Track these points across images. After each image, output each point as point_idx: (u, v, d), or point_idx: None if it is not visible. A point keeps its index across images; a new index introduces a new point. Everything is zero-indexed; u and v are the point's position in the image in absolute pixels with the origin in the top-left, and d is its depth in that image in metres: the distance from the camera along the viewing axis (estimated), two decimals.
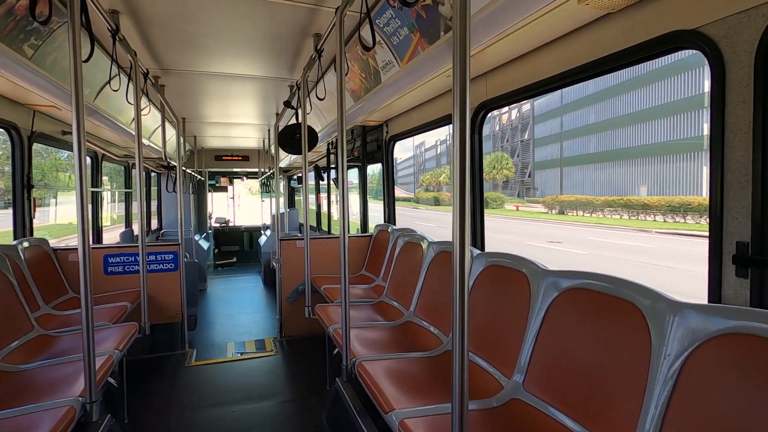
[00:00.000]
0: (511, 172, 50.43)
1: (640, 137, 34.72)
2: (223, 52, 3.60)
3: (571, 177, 42.97)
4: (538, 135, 49.67)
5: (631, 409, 1.52)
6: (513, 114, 53.63)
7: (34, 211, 3.75)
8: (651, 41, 1.76)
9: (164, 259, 4.29)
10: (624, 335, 1.63)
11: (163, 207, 8.99)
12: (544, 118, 48.32)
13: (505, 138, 56.30)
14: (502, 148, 55.47)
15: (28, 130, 3.62)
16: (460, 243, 1.22)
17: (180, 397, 3.42)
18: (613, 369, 1.64)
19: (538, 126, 49.74)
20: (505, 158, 51.28)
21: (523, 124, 52.45)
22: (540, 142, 49.15)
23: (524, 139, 52.09)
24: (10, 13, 2.19)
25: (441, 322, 2.91)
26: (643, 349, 1.54)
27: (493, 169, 50.69)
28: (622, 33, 1.90)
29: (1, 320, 2.68)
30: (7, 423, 1.86)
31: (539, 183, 48.81)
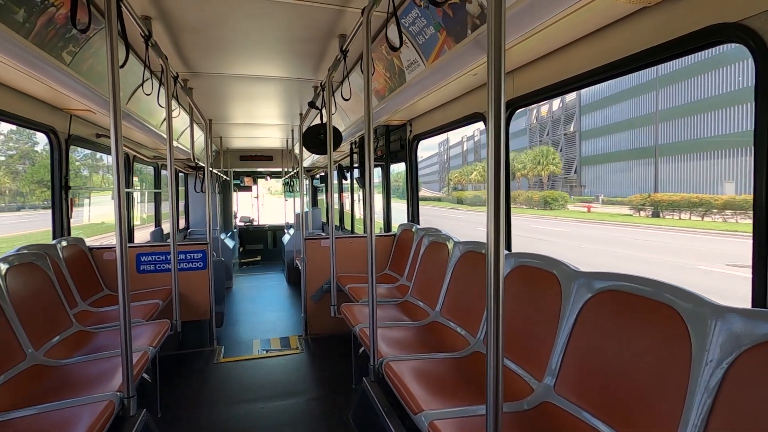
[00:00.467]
0: (558, 168, 46.02)
1: (723, 126, 30.26)
2: (250, 55, 3.65)
3: (637, 172, 38.03)
4: (585, 127, 45.21)
5: (669, 416, 1.48)
6: (555, 105, 49.95)
7: (71, 211, 3.89)
8: (690, 35, 1.70)
9: (193, 257, 4.40)
10: (662, 339, 1.59)
11: (190, 206, 9.20)
12: (592, 109, 43.85)
13: (545, 131, 52.23)
14: (541, 143, 51.66)
15: (65, 134, 3.77)
16: (495, 244, 1.20)
17: (210, 393, 3.50)
18: (651, 374, 1.60)
19: (585, 117, 45.23)
20: (552, 152, 46.40)
21: (567, 115, 48.53)
22: (588, 135, 44.48)
23: (568, 132, 48.22)
24: (51, 22, 2.28)
25: (468, 323, 2.88)
26: (682, 355, 1.49)
27: (537, 165, 46.37)
28: (659, 27, 1.84)
29: (43, 316, 2.80)
30: (51, 416, 1.94)
31: (588, 180, 44.35)
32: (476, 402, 2.03)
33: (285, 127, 7.04)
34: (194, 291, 4.41)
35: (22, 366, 2.38)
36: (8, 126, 33.73)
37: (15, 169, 38.43)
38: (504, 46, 1.18)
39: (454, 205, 52.60)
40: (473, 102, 3.45)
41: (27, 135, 38.27)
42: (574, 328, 1.98)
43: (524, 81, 2.76)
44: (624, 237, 20.82)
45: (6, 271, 2.58)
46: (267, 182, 13.43)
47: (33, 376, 2.37)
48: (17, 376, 2.30)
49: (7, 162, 38.76)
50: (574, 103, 46.71)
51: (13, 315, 2.47)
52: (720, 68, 30.65)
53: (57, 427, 1.82)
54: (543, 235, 21.11)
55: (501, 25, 1.17)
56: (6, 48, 2.09)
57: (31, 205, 37.43)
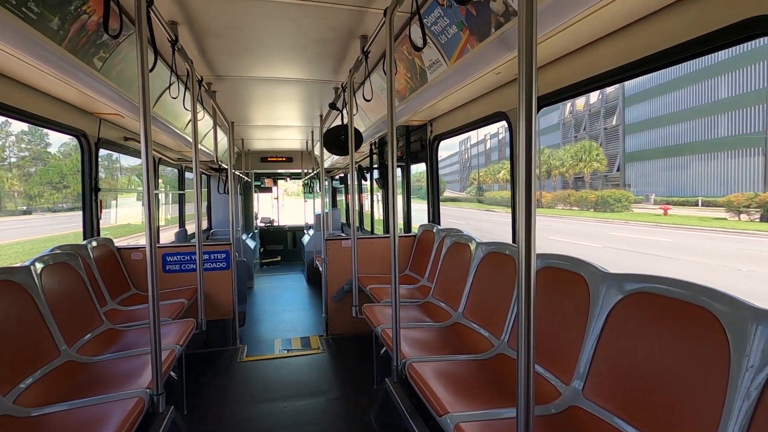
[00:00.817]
0: (603, 164, 41.10)
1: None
2: (272, 57, 3.69)
3: (711, 167, 32.30)
4: (630, 120, 40.09)
5: (706, 422, 1.43)
6: (593, 98, 45.38)
7: (100, 212, 4.01)
8: (725, 29, 1.64)
9: (217, 258, 4.47)
10: (698, 344, 1.53)
11: (213, 208, 9.37)
12: (639, 99, 38.87)
13: (581, 126, 47.43)
14: (577, 139, 47.22)
15: (95, 137, 3.88)
16: (526, 246, 1.18)
17: (234, 392, 3.55)
18: (686, 379, 1.55)
19: (630, 109, 40.12)
20: (595, 148, 41.53)
21: (608, 108, 43.43)
22: (634, 129, 39.37)
23: (608, 126, 43.16)
24: (83, 29, 2.35)
25: (491, 324, 2.85)
26: (720, 360, 1.44)
27: (579, 162, 41.73)
28: (693, 21, 1.78)
29: (75, 314, 2.88)
30: (85, 411, 1.99)
31: (633, 178, 39.20)
32: (502, 405, 2.00)
33: (305, 128, 7.10)
34: (218, 291, 4.49)
35: (56, 362, 2.46)
36: (20, 126, 34.14)
37: (27, 172, 39.42)
38: (536, 42, 1.16)
39: (480, 206, 49.77)
40: (495, 101, 3.41)
41: (39, 136, 39.05)
42: (603, 331, 1.93)
43: (550, 78, 2.71)
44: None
45: (41, 271, 2.67)
46: (286, 183, 13.56)
47: (66, 372, 2.45)
48: (52, 372, 2.38)
49: (19, 164, 39.67)
50: (617, 95, 42.09)
51: (48, 313, 2.56)
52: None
53: (90, 422, 1.87)
54: (650, 249, 17.59)
55: (533, 21, 1.15)
56: (41, 55, 2.16)
57: (41, 207, 38.16)
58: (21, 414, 1.98)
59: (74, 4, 2.15)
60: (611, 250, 17.80)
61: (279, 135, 7.84)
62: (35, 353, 2.38)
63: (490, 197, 53.58)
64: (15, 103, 2.81)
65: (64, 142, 42.15)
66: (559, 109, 50.45)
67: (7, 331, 2.20)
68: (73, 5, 2.15)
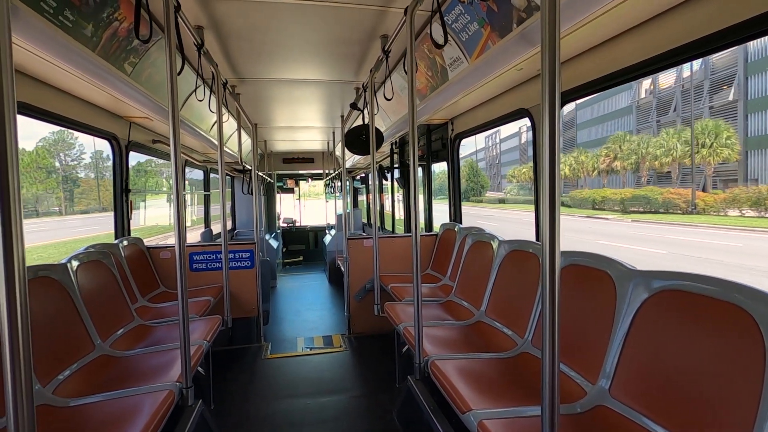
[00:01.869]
0: (735, 151, 29.81)
1: None
2: (294, 59, 3.75)
3: None
4: (755, 93, 29.18)
5: (740, 424, 1.38)
6: (686, 71, 34.28)
7: (130, 212, 4.15)
8: (760, 17, 1.59)
9: (242, 257, 4.57)
10: (731, 343, 1.49)
11: (236, 208, 9.55)
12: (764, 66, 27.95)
13: (669, 107, 37.08)
14: (660, 124, 37.69)
15: (125, 140, 4.02)
16: (551, 244, 1.17)
17: (259, 387, 3.62)
18: (718, 379, 1.50)
19: (755, 78, 29.17)
20: (724, 128, 30.14)
21: (714, 81, 32.72)
22: (759, 105, 28.35)
23: (718, 103, 32.22)
24: (114, 36, 2.44)
25: (514, 323, 2.82)
26: (755, 360, 1.39)
27: (701, 149, 30.72)
28: (721, 11, 1.73)
29: (108, 310, 3.00)
30: (118, 402, 2.07)
31: (760, 170, 29.02)
32: (526, 403, 1.98)
33: (326, 129, 7.18)
34: (243, 289, 4.58)
35: (91, 356, 2.57)
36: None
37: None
38: (559, 37, 1.15)
39: (518, 206, 45.39)
40: (517, 98, 3.38)
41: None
42: (630, 330, 1.89)
43: (573, 73, 2.67)
44: None
45: (77, 268, 2.79)
46: (307, 184, 13.70)
47: (101, 365, 2.55)
48: (87, 365, 2.48)
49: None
50: (731, 61, 31.09)
51: (83, 308, 2.67)
52: None
53: (124, 413, 1.94)
54: None
55: (556, 15, 1.15)
56: (76, 61, 2.25)
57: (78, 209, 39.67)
58: (60, 404, 2.07)
59: (106, 12, 2.24)
60: None
61: (301, 136, 7.94)
62: (72, 347, 2.49)
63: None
64: (52, 107, 2.95)
65: (98, 150, 43.95)
66: (632, 89, 41.46)
67: (46, 325, 2.31)
68: (106, 13, 2.24)
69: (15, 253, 0.97)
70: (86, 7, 2.08)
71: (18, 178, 0.99)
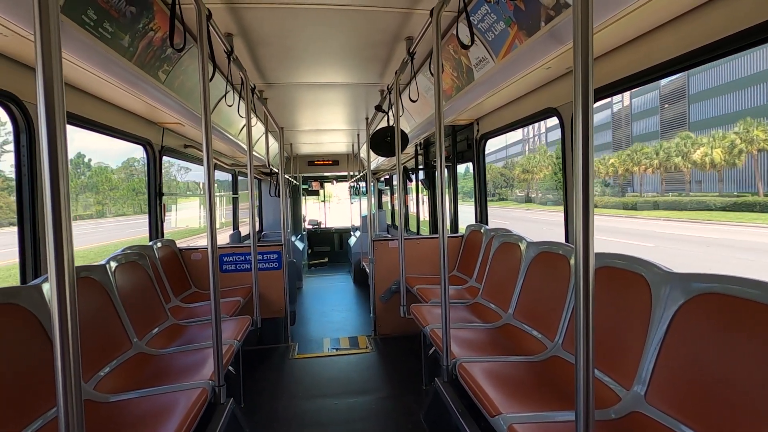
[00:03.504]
0: None
1: None
2: (320, 63, 3.80)
3: None
4: None
5: None
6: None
7: (163, 215, 4.29)
8: None
9: (270, 258, 4.65)
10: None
11: (264, 210, 9.73)
12: None
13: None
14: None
15: (159, 145, 4.16)
16: (584, 247, 1.15)
17: (288, 387, 3.68)
18: (762, 386, 1.44)
19: None
20: None
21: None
22: None
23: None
24: (150, 45, 2.53)
25: (544, 326, 2.77)
26: None
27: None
28: (759, 4, 1.66)
29: (144, 309, 3.11)
30: (154, 399, 2.15)
31: None
32: (557, 408, 1.95)
33: (351, 131, 7.24)
34: (271, 290, 4.66)
35: (129, 353, 2.67)
36: None
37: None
38: (591, 33, 1.13)
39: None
40: (545, 97, 3.32)
41: None
42: (667, 334, 1.83)
43: (604, 71, 2.62)
44: None
45: (115, 269, 2.90)
46: (333, 186, 13.81)
47: (137, 362, 2.64)
48: (125, 362, 2.58)
49: None
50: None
51: (121, 308, 2.78)
52: None
53: (160, 409, 2.01)
54: None
55: (588, 11, 1.13)
56: (115, 71, 2.35)
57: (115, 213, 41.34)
58: (101, 399, 2.16)
59: (142, 22, 2.33)
60: None
61: (326, 139, 8.03)
62: (111, 345, 2.60)
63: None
64: (92, 116, 3.08)
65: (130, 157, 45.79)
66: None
67: (87, 324, 2.41)
68: (141, 23, 2.33)
69: (65, 257, 1.02)
70: (124, 19, 2.17)
71: (68, 185, 1.04)
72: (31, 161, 2.40)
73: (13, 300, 1.90)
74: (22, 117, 2.37)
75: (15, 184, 2.42)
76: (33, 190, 2.41)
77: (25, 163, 2.40)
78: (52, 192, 1.01)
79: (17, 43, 2.06)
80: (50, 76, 1.01)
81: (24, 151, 2.41)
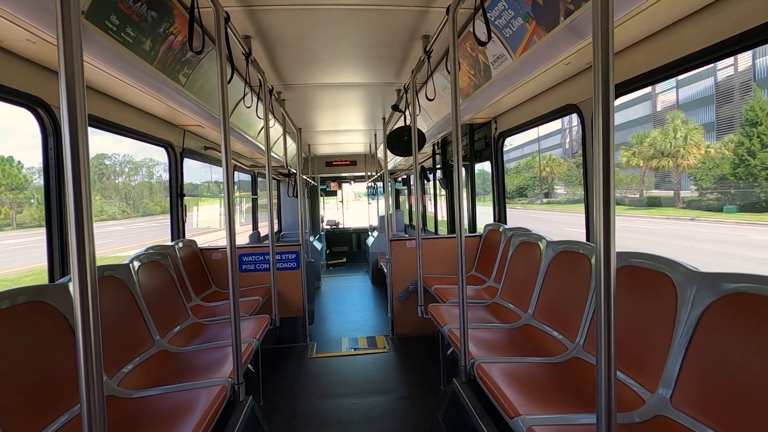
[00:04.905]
0: None
1: None
2: (337, 64, 3.82)
3: None
4: None
5: None
6: None
7: (185, 216, 4.38)
8: None
9: (288, 258, 4.70)
10: None
11: (282, 211, 9.84)
12: None
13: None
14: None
15: (179, 147, 4.25)
16: (605, 246, 1.12)
17: (306, 386, 3.70)
18: None
19: None
20: None
21: None
22: None
23: None
24: (170, 49, 2.59)
25: (564, 327, 2.72)
26: None
27: None
28: None
29: (166, 308, 3.17)
30: (176, 396, 2.19)
31: None
32: (577, 410, 1.90)
33: (368, 131, 7.25)
34: (289, 289, 4.71)
35: (151, 351, 2.73)
36: None
37: None
38: (611, 27, 1.10)
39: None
40: (565, 93, 3.26)
41: None
42: (693, 335, 1.77)
43: (625, 65, 2.55)
44: None
45: (138, 268, 2.97)
46: (350, 186, 13.87)
47: (160, 360, 2.70)
48: (148, 359, 2.64)
49: None
50: None
51: (144, 306, 2.84)
52: None
53: (182, 406, 2.05)
54: None
55: (608, 5, 1.10)
56: (137, 75, 2.41)
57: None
58: (124, 395, 2.21)
59: (163, 27, 2.38)
60: None
61: (343, 139, 8.06)
62: (134, 342, 2.66)
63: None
64: (114, 118, 3.16)
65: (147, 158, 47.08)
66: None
67: (112, 322, 2.47)
68: (162, 27, 2.38)
69: (87, 256, 1.05)
70: (145, 23, 2.22)
71: (89, 187, 1.07)
72: (58, 164, 2.48)
73: (41, 298, 1.97)
74: (50, 120, 2.45)
75: (43, 186, 2.50)
76: (60, 192, 2.49)
77: (52, 166, 2.48)
78: (75, 193, 1.04)
79: (45, 50, 2.13)
80: (72, 80, 1.04)
81: (51, 154, 2.48)
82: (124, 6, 2.03)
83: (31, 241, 22.67)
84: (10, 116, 64.20)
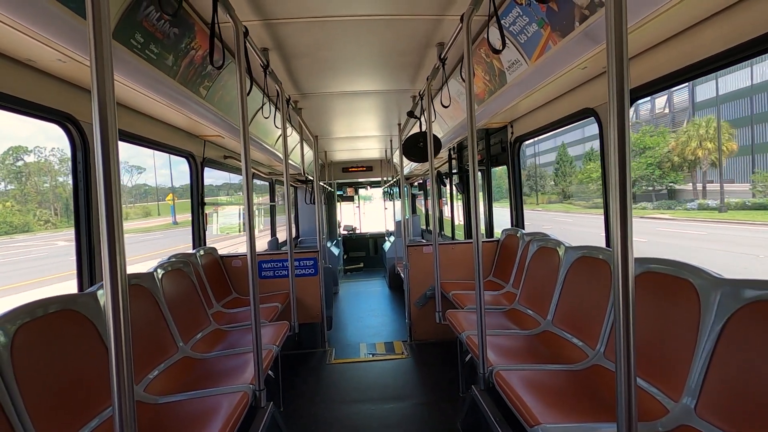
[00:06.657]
0: None
1: None
2: (353, 72, 3.86)
3: None
4: None
5: None
6: None
7: (205, 224, 4.47)
8: None
9: (306, 264, 4.75)
10: None
11: (300, 217, 9.94)
12: None
13: None
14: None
15: (200, 157, 4.35)
16: (623, 251, 1.12)
17: (326, 391, 3.73)
18: None
19: None
20: None
21: None
22: None
23: None
24: (191, 63, 2.67)
25: (584, 333, 2.68)
26: None
27: None
28: None
29: (189, 315, 3.25)
30: (199, 401, 2.24)
31: None
32: (598, 419, 1.88)
33: (384, 137, 7.29)
34: (307, 295, 4.76)
35: (175, 357, 2.79)
36: None
37: None
38: (626, 32, 1.11)
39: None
40: (582, 97, 3.23)
41: None
42: (718, 343, 1.73)
43: (641, 70, 2.52)
44: None
45: (162, 276, 3.06)
46: (367, 191, 13.92)
47: (183, 366, 2.76)
48: (172, 365, 2.70)
49: None
50: None
51: (168, 313, 2.92)
52: None
53: (204, 411, 2.10)
54: None
55: (622, 10, 1.10)
56: (160, 89, 2.49)
57: None
58: (150, 401, 2.28)
59: (184, 42, 2.46)
60: None
61: (359, 145, 8.12)
62: (159, 348, 2.73)
63: None
64: (139, 131, 3.27)
65: None
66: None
67: (138, 329, 2.55)
68: (184, 43, 2.46)
69: (118, 266, 1.10)
70: (167, 40, 2.30)
71: (120, 198, 1.12)
72: (87, 176, 2.57)
73: (72, 306, 2.04)
74: (79, 136, 2.55)
75: (72, 197, 2.60)
76: (88, 204, 2.58)
77: (81, 179, 2.58)
78: (107, 205, 1.09)
79: (74, 68, 2.22)
80: (104, 98, 1.09)
81: (80, 167, 2.58)
82: (148, 24, 2.11)
83: None
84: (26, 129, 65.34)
